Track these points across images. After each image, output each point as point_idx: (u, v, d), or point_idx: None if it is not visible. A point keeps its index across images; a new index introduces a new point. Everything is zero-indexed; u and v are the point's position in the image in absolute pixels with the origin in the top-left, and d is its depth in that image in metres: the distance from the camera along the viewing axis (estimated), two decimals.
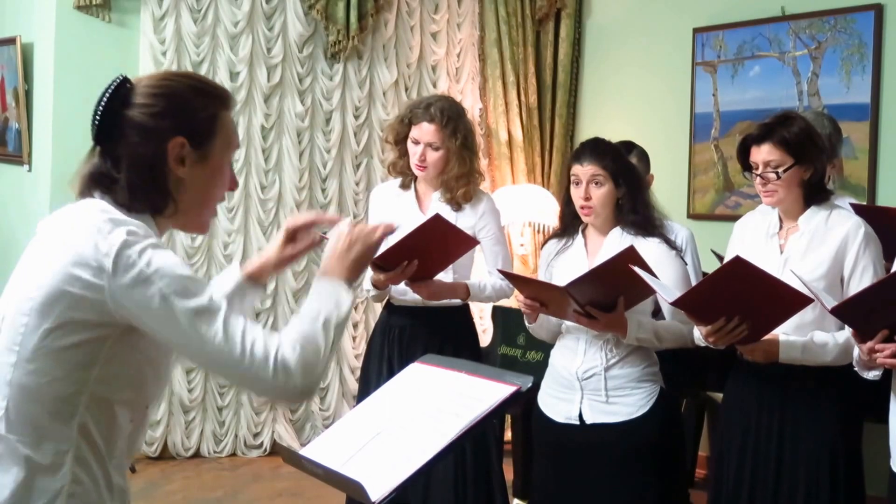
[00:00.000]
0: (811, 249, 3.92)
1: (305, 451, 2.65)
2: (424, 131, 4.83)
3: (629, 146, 5.29)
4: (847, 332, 3.81)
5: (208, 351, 2.30)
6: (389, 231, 2.80)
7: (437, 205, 4.82)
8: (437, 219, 4.38)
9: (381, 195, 5.15)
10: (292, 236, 2.99)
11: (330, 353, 2.47)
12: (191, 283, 2.31)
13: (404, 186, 5.03)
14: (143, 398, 2.46)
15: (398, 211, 4.89)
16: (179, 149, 2.40)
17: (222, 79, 7.47)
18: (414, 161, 4.87)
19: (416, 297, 4.77)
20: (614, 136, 4.73)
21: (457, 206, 4.89)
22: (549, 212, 7.47)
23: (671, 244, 4.30)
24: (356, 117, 7.97)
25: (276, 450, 7.27)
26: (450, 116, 4.85)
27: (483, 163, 8.13)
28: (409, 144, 4.89)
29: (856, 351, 3.65)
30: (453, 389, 2.63)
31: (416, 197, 5.00)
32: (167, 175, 2.40)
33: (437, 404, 2.59)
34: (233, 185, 2.56)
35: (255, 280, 2.96)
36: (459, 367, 2.71)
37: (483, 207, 4.96)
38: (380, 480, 2.37)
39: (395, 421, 2.60)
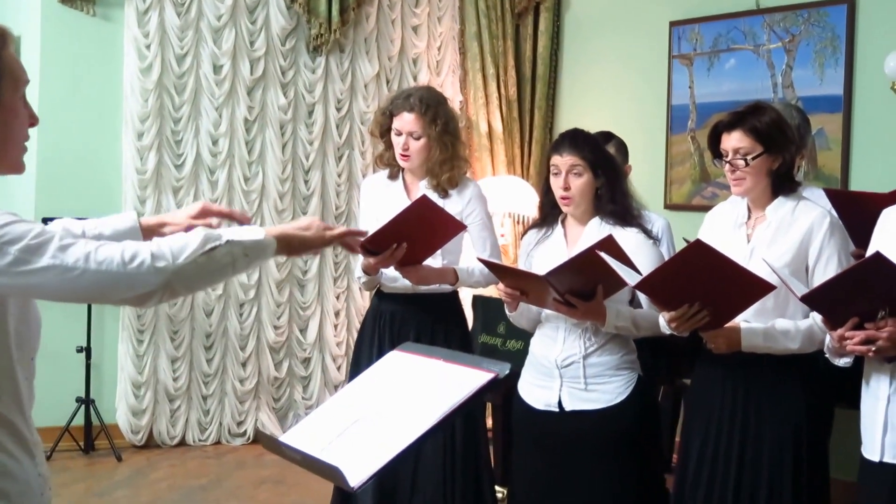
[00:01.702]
0: (777, 239, 3.95)
1: (285, 438, 2.66)
2: (405, 121, 4.87)
3: (607, 136, 5.34)
4: (809, 320, 3.88)
5: (50, 278, 2.30)
6: (351, 235, 2.93)
7: (423, 192, 4.82)
8: (423, 199, 4.42)
9: (372, 186, 5.19)
10: (204, 214, 3.01)
11: (203, 259, 2.44)
12: (12, 228, 2.30)
13: (392, 177, 5.07)
14: (25, 351, 2.49)
15: (388, 201, 4.94)
16: None
17: (206, 72, 7.56)
18: (398, 151, 4.91)
19: (406, 283, 4.80)
20: (593, 127, 4.75)
21: (443, 192, 4.92)
22: (528, 203, 7.52)
23: (648, 233, 4.34)
24: (338, 110, 8.05)
25: (258, 437, 7.34)
26: (429, 104, 4.89)
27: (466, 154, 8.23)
28: (393, 136, 4.93)
29: (827, 338, 3.68)
30: (431, 377, 2.65)
31: (404, 187, 5.04)
32: None
33: (416, 391, 2.61)
34: (33, 121, 2.51)
35: (149, 233, 2.95)
36: (437, 355, 2.73)
37: (470, 193, 5.00)
38: (358, 466, 2.39)
39: (374, 408, 2.61)
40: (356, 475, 2.36)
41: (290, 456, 2.58)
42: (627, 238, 4.16)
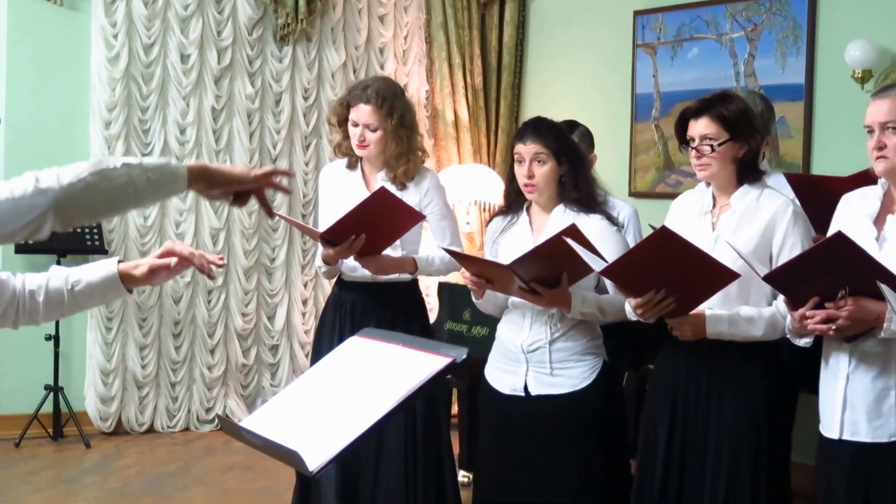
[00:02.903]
0: (741, 226, 3.97)
1: (245, 423, 2.68)
2: (361, 113, 4.88)
3: (572, 125, 5.35)
4: (773, 307, 3.93)
5: None
6: (277, 174, 3.00)
7: (382, 184, 4.85)
8: (382, 191, 4.46)
9: (330, 174, 5.20)
10: (168, 255, 3.01)
11: (89, 178, 2.49)
12: None
13: (350, 166, 5.08)
14: None
15: (346, 191, 4.97)
16: None
17: (173, 61, 7.57)
18: (354, 142, 4.92)
19: (366, 272, 4.82)
20: (558, 116, 4.77)
21: (401, 184, 4.93)
22: (494, 191, 7.56)
23: (613, 220, 4.36)
24: (305, 99, 8.08)
25: (219, 422, 7.37)
26: (385, 97, 4.89)
27: (429, 143, 8.27)
28: (349, 126, 4.94)
29: (788, 318, 3.73)
30: (390, 362, 2.68)
31: (362, 176, 5.05)
32: None
33: (375, 376, 2.64)
34: None
35: (126, 279, 2.97)
36: (396, 340, 2.75)
37: (427, 184, 5.02)
38: (317, 450, 2.41)
39: (334, 393, 2.64)
40: (315, 459, 2.39)
41: (250, 441, 2.59)
42: (591, 225, 4.20)
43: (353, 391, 2.62)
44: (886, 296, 3.29)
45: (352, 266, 4.90)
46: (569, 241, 3.83)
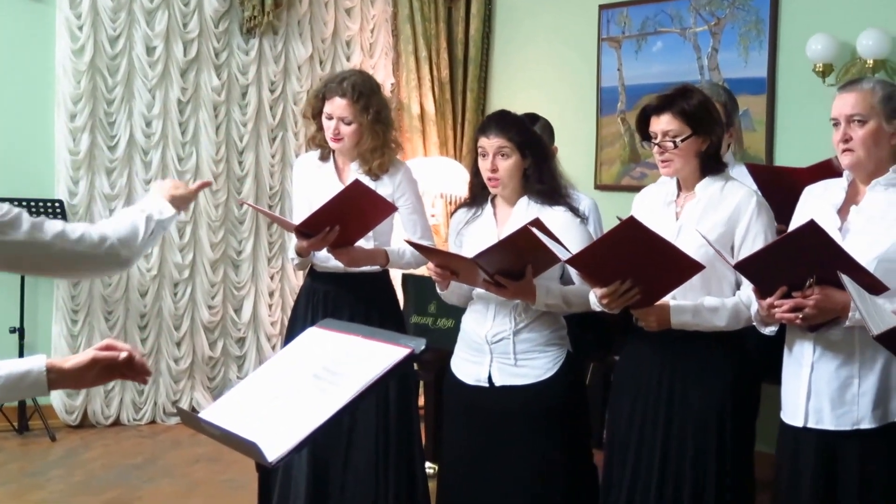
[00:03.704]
0: (705, 216, 3.99)
1: (205, 414, 2.70)
2: (336, 106, 4.88)
3: (533, 118, 5.29)
4: (736, 297, 3.96)
5: (27, 252, 2.46)
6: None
7: (355, 175, 4.86)
8: (356, 184, 4.46)
9: (304, 166, 5.20)
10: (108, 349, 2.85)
11: (148, 239, 2.79)
12: None
13: (323, 158, 5.08)
14: None
15: (319, 183, 4.98)
16: None
17: (139, 53, 7.55)
18: (329, 135, 4.92)
19: (338, 263, 4.83)
20: (524, 109, 4.83)
21: (374, 176, 4.94)
22: (460, 183, 7.53)
23: (576, 212, 4.37)
24: (272, 91, 8.08)
25: (179, 414, 7.36)
26: (361, 91, 4.89)
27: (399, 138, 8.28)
28: (324, 119, 4.94)
29: (754, 306, 3.76)
30: (350, 352, 2.70)
31: (335, 168, 5.05)
32: None
33: (334, 367, 2.66)
34: None
35: (53, 374, 2.69)
36: (355, 331, 2.78)
37: (400, 177, 5.02)
38: (276, 441, 2.43)
39: (294, 383, 2.65)
40: (274, 450, 2.40)
41: (210, 432, 2.61)
42: (555, 217, 4.22)
43: (312, 382, 2.63)
44: (847, 286, 3.33)
45: (324, 257, 4.91)
46: (535, 231, 3.85)
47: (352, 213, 4.51)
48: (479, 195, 4.51)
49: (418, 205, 5.13)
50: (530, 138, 4.40)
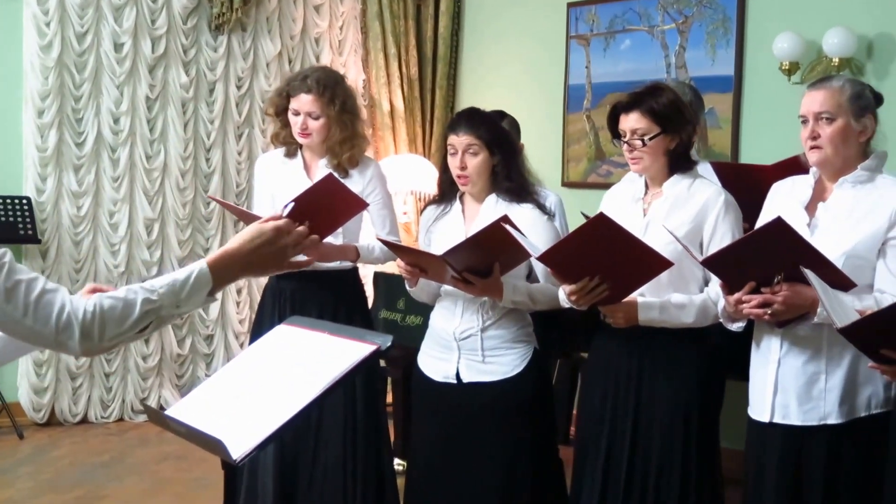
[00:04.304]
0: (673, 213, 4.03)
1: (171, 411, 2.69)
2: (303, 102, 4.89)
3: (500, 115, 5.33)
4: (703, 294, 4.00)
5: None
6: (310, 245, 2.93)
7: (324, 171, 4.84)
8: (329, 178, 4.43)
9: (268, 164, 5.19)
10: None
11: (136, 334, 2.49)
12: None
13: (289, 155, 5.08)
14: None
15: (287, 179, 4.97)
16: None
17: (107, 49, 7.52)
18: (296, 130, 4.92)
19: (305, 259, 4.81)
20: (493, 107, 4.85)
21: (343, 171, 4.93)
22: (430, 180, 7.58)
23: (544, 209, 4.40)
24: (238, 88, 8.06)
25: (145, 411, 7.34)
26: (326, 85, 4.90)
27: (367, 132, 8.28)
28: (290, 115, 4.94)
29: (721, 303, 3.81)
30: (316, 349, 2.70)
31: (303, 164, 5.05)
32: None
33: (301, 364, 2.66)
34: None
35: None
36: (323, 328, 2.78)
37: (371, 173, 5.03)
38: (242, 439, 2.43)
39: (260, 381, 2.65)
40: (239, 448, 2.40)
41: (176, 429, 2.60)
42: (523, 214, 4.25)
43: (279, 379, 2.63)
44: (811, 280, 3.36)
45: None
46: (507, 227, 3.88)
47: (322, 208, 4.49)
48: (447, 192, 4.53)
49: (388, 200, 5.14)
50: (499, 136, 4.42)
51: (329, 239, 4.79)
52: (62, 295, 2.42)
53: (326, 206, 4.49)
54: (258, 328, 5.18)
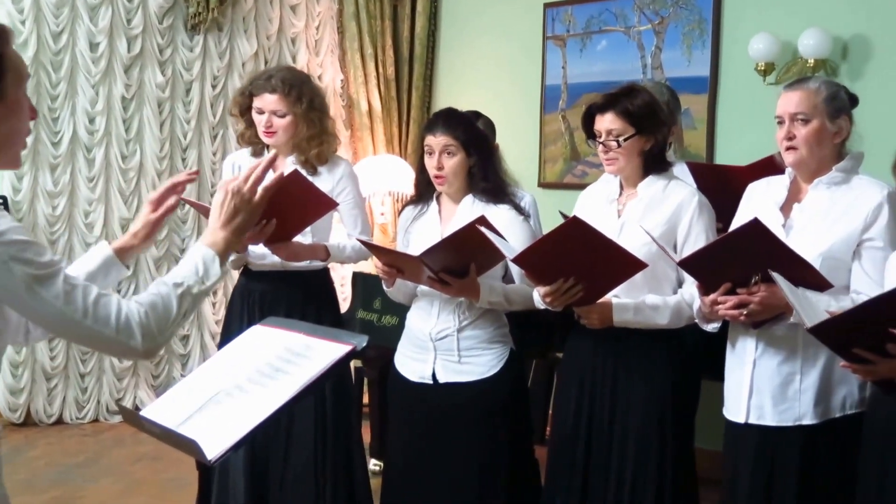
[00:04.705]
0: (647, 214, 4.03)
1: (145, 412, 2.67)
2: (267, 101, 4.86)
3: (475, 116, 5.34)
4: (678, 296, 4.01)
5: (49, 313, 2.37)
6: (270, 189, 2.95)
7: (291, 168, 4.67)
8: (295, 174, 4.39)
9: (235, 163, 5.16)
10: (155, 207, 3.11)
11: (183, 319, 2.57)
12: (30, 248, 2.36)
13: (256, 154, 5.04)
14: None
15: None
16: None
17: (82, 49, 7.49)
18: (261, 129, 4.89)
19: (276, 260, 4.78)
20: (469, 108, 4.83)
21: (312, 169, 4.91)
22: (407, 181, 7.57)
23: (520, 210, 4.40)
24: (215, 88, 8.03)
25: (120, 411, 7.32)
26: (292, 84, 4.87)
27: (345, 133, 8.29)
28: (254, 115, 4.91)
29: (696, 303, 3.83)
30: (291, 349, 2.69)
31: None
32: None
33: (276, 364, 2.65)
34: (33, 115, 2.56)
35: (122, 255, 3.01)
36: (298, 328, 2.77)
37: (341, 172, 5.01)
38: (217, 439, 2.42)
39: (235, 381, 2.64)
40: (214, 448, 2.39)
41: (149, 430, 2.59)
42: (500, 215, 4.25)
43: (254, 379, 2.62)
44: (778, 281, 3.38)
45: (260, 254, 4.86)
46: (482, 228, 3.88)
47: (290, 206, 4.45)
48: (424, 193, 4.53)
49: (359, 200, 5.11)
50: (476, 137, 4.42)
51: (298, 238, 4.75)
52: (116, 298, 2.47)
53: (293, 204, 4.46)
54: (227, 328, 5.16)
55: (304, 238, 4.82)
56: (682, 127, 6.64)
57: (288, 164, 4.91)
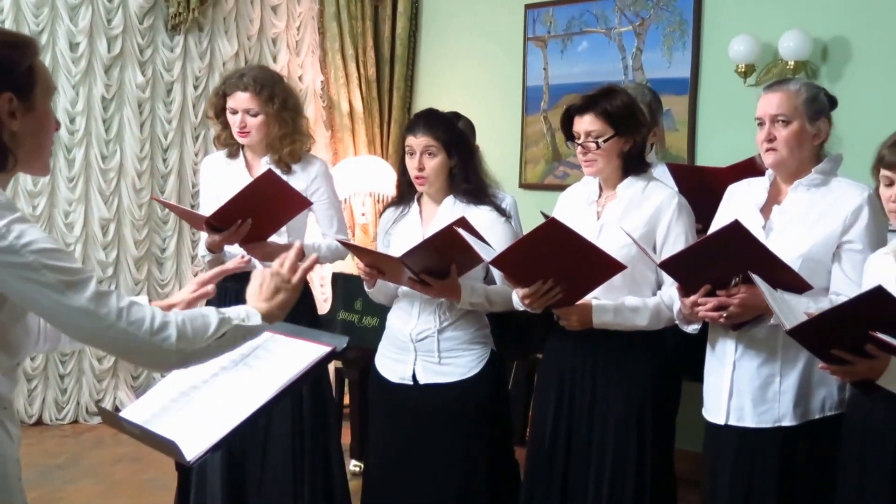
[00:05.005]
0: (626, 216, 4.03)
1: (125, 413, 2.69)
2: (239, 100, 4.86)
3: (455, 117, 5.36)
4: (657, 297, 4.02)
5: (81, 318, 2.37)
6: (308, 270, 2.94)
7: (265, 168, 4.80)
8: (268, 174, 4.41)
9: (211, 165, 5.17)
10: (198, 287, 3.10)
11: (219, 342, 2.56)
12: (60, 255, 2.38)
13: (231, 155, 5.05)
14: (16, 358, 2.56)
15: (229, 179, 4.93)
16: (8, 104, 2.45)
17: (62, 49, 7.46)
18: (235, 130, 4.90)
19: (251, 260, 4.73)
20: (450, 108, 4.84)
21: (286, 167, 4.92)
22: (388, 182, 7.57)
23: (502, 211, 4.41)
24: (196, 88, 8.01)
25: (99, 412, 7.29)
26: (263, 83, 4.88)
27: (326, 134, 8.29)
28: (229, 115, 4.91)
29: (676, 305, 3.83)
30: (272, 350, 2.71)
31: (245, 164, 5.03)
32: (1, 132, 2.46)
33: (256, 365, 2.67)
34: (56, 125, 2.61)
35: None
36: (278, 329, 2.78)
37: (315, 171, 5.01)
38: (196, 440, 2.43)
39: (215, 382, 2.66)
40: (193, 449, 2.40)
41: (129, 430, 2.61)
42: (481, 216, 4.26)
43: (233, 380, 2.63)
44: (757, 283, 3.39)
45: (236, 254, 4.81)
46: (460, 230, 3.87)
47: (264, 206, 4.46)
48: (406, 193, 4.53)
49: (335, 199, 5.12)
50: (457, 137, 4.43)
51: (273, 238, 4.75)
52: (148, 305, 2.49)
53: (268, 203, 4.45)
54: None
55: (279, 238, 4.82)
56: (663, 128, 6.66)
57: (262, 165, 4.92)
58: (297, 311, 4.86)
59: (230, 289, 4.96)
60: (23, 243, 2.33)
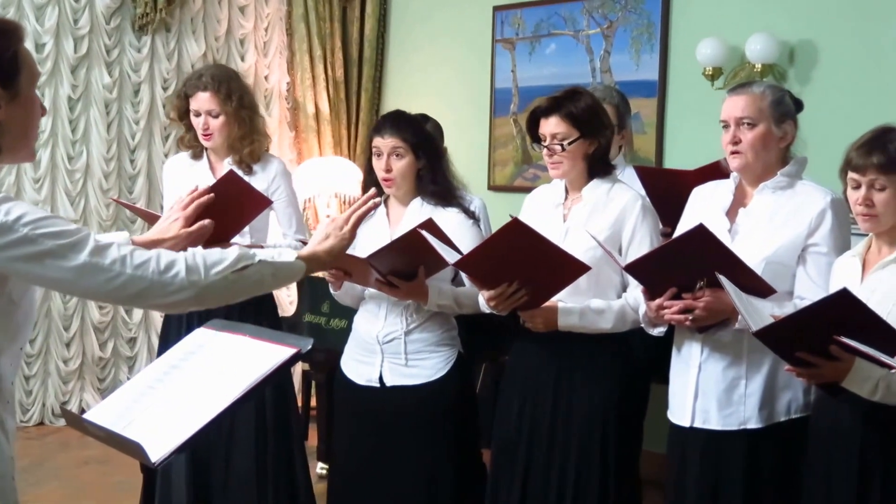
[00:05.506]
0: (592, 218, 4.04)
1: (89, 414, 2.66)
2: (201, 101, 4.90)
3: (422, 119, 5.36)
4: (622, 300, 4.02)
5: (86, 274, 2.39)
6: (361, 217, 3.15)
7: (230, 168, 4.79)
8: (231, 174, 4.39)
9: (174, 167, 5.19)
10: (190, 222, 3.23)
11: (233, 276, 2.60)
12: (52, 221, 2.39)
13: (196, 157, 5.09)
14: (18, 342, 2.56)
15: (193, 181, 4.82)
16: None
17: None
18: (199, 132, 4.95)
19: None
20: (418, 110, 4.84)
21: (247, 168, 4.95)
22: (355, 183, 7.56)
23: (469, 213, 4.42)
24: (164, 89, 7.97)
25: (63, 414, 7.25)
26: (220, 80, 4.92)
27: (289, 135, 8.28)
28: (192, 117, 4.96)
29: (642, 308, 3.84)
30: (236, 352, 2.69)
31: (209, 166, 5.05)
32: None
33: (220, 366, 2.65)
34: (43, 111, 2.61)
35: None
36: (242, 331, 2.78)
37: (275, 170, 5.04)
38: (160, 442, 2.42)
39: (179, 383, 2.64)
40: (157, 451, 2.39)
41: (93, 433, 2.59)
42: (448, 218, 4.26)
43: (198, 382, 2.62)
44: (724, 285, 3.40)
45: None
46: (424, 233, 3.87)
47: (227, 207, 4.43)
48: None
49: (293, 198, 5.15)
50: (425, 139, 4.43)
51: (237, 239, 4.71)
52: (154, 250, 2.54)
53: (230, 204, 4.44)
54: (166, 330, 5.16)
55: (242, 239, 4.80)
56: (632, 131, 6.67)
57: (225, 167, 4.93)
58: (259, 316, 4.93)
59: None
60: (13, 219, 2.34)
